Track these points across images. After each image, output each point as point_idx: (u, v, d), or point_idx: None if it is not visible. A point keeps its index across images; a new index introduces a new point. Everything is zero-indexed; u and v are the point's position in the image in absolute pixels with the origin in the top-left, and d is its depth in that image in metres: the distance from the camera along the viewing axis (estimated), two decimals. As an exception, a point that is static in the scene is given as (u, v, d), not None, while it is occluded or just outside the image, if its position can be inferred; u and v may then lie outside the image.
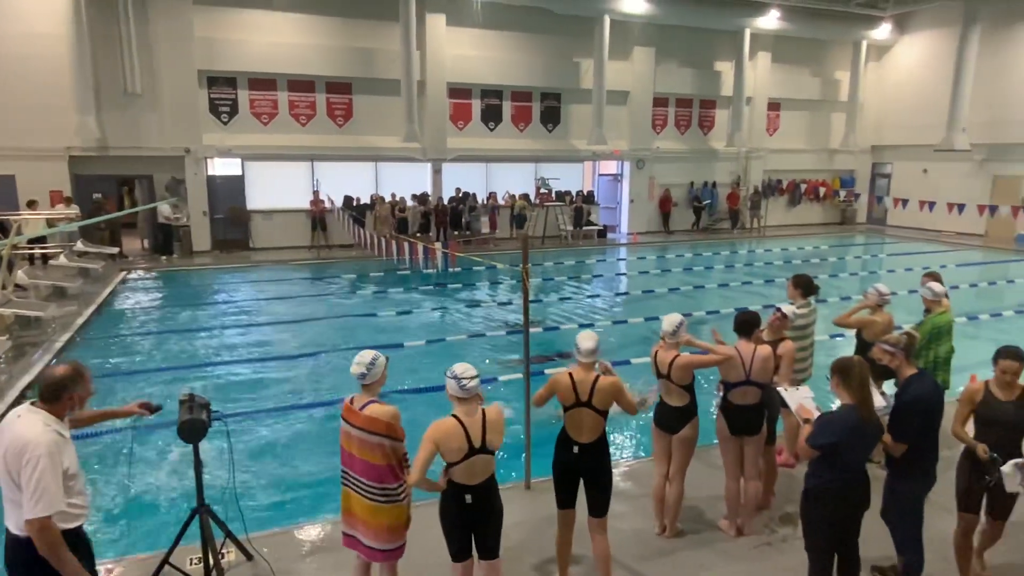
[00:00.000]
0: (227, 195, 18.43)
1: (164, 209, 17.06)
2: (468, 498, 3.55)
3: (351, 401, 3.69)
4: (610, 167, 23.96)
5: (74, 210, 15.10)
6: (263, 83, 18.40)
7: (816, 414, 3.83)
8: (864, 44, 24.48)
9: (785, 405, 4.31)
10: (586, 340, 4.08)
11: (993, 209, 19.97)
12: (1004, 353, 4.10)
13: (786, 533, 4.93)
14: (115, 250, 16.11)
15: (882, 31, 24.11)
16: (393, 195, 19.47)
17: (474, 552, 3.73)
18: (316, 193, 18.80)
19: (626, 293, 14.55)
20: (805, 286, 5.85)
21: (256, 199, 18.91)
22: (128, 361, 9.39)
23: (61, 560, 2.95)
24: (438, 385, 7.78)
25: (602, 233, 22.10)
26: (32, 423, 2.97)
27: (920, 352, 5.63)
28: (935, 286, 6.03)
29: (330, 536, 4.85)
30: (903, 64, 25.13)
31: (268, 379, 8.74)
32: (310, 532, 4.99)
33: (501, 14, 20.13)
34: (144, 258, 17.52)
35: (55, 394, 3.06)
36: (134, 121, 17.01)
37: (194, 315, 12.09)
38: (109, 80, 16.53)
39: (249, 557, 4.51)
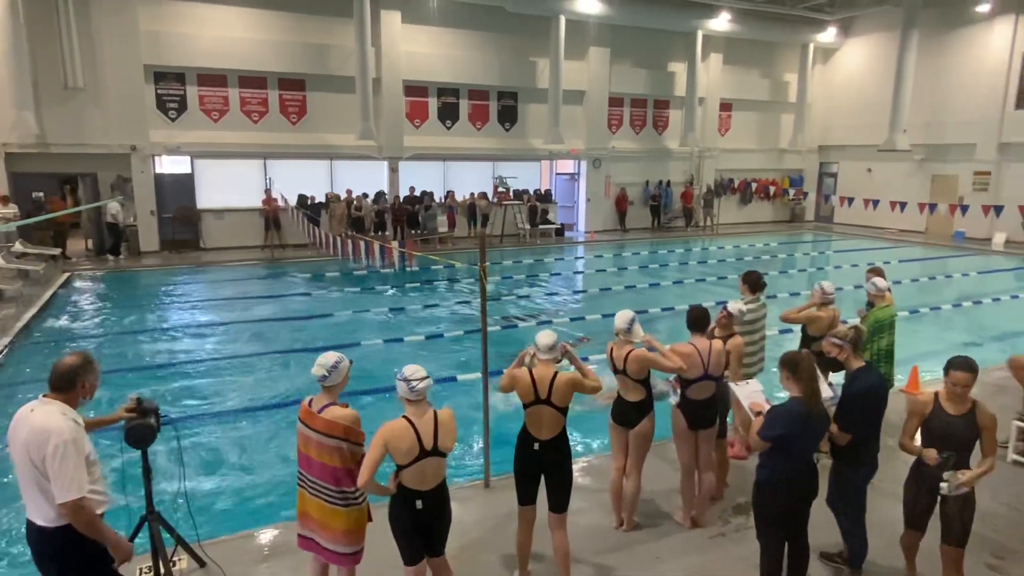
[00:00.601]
0: (176, 194, 17.93)
1: (112, 208, 16.49)
2: (419, 504, 3.51)
3: (309, 403, 3.63)
4: (567, 166, 24.15)
5: (12, 210, 14.52)
6: (213, 79, 17.95)
7: (766, 407, 3.94)
8: (811, 47, 25.23)
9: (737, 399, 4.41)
10: (545, 337, 4.13)
11: (932, 207, 20.83)
12: (955, 364, 3.81)
13: (739, 523, 5.06)
14: (57, 251, 15.51)
15: (828, 34, 24.89)
16: (349, 192, 19.23)
17: None
18: (268, 192, 18.45)
19: (584, 291, 14.68)
20: (753, 283, 6.02)
21: (206, 198, 18.44)
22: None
23: (101, 533, 3.08)
24: (394, 386, 7.77)
25: (560, 232, 22.25)
26: (50, 413, 2.99)
27: (865, 345, 5.84)
28: (879, 281, 6.27)
29: (286, 540, 4.76)
30: (848, 67, 25.99)
31: (221, 381, 8.55)
32: (265, 536, 4.89)
33: (456, 12, 20.07)
34: (89, 259, 16.90)
35: (69, 382, 3.09)
36: (76, 117, 16.39)
37: (142, 317, 11.72)
38: (48, 74, 15.89)
39: (202, 564, 4.41)
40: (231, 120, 18.34)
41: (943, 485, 3.74)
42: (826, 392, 4.03)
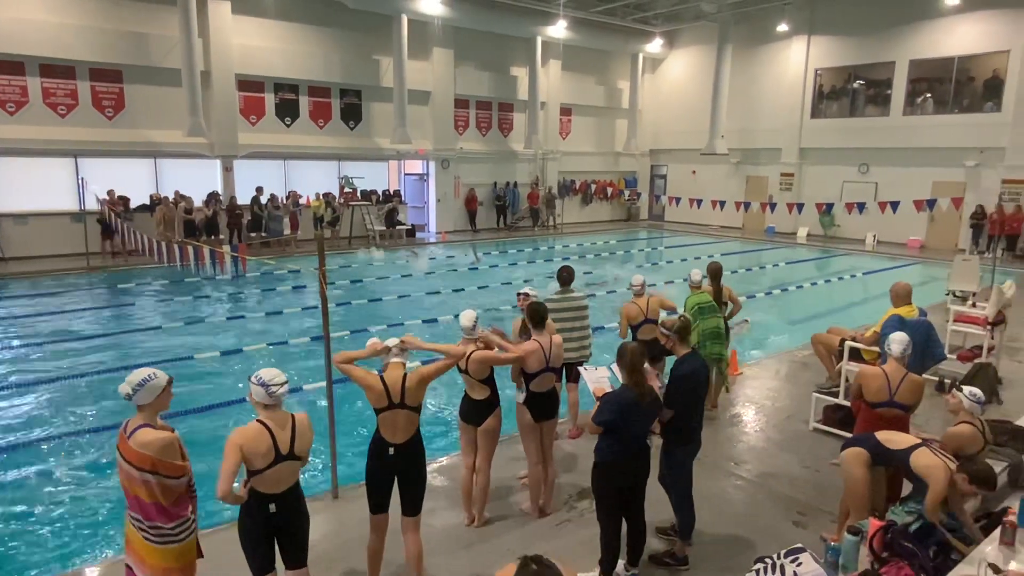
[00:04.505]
0: (-37, 196, 15.62)
1: None
2: (272, 507, 3.38)
3: (125, 427, 3.29)
4: (416, 167, 24.02)
5: None
6: (6, 66, 15.81)
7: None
8: (640, 56, 27.07)
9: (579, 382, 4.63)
10: (394, 341, 4.12)
11: (747, 205, 23.14)
12: None
13: (583, 508, 5.30)
14: None
15: (655, 45, 26.81)
16: (176, 192, 17.75)
17: (279, 565, 3.55)
18: (112, 192, 16.61)
19: (437, 292, 14.66)
20: (559, 277, 6.55)
21: (5, 201, 16.21)
22: None
23: None
24: (236, 399, 7.32)
25: (411, 232, 22.07)
26: None
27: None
28: (693, 273, 6.98)
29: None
30: (673, 76, 28.18)
31: (22, 409, 7.56)
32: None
33: (292, 4, 19.30)
34: None
35: None
36: None
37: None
38: None
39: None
40: (32, 113, 16.26)
41: None
42: (657, 383, 4.33)
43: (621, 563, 4.28)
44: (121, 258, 16.41)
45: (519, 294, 5.75)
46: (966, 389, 4.60)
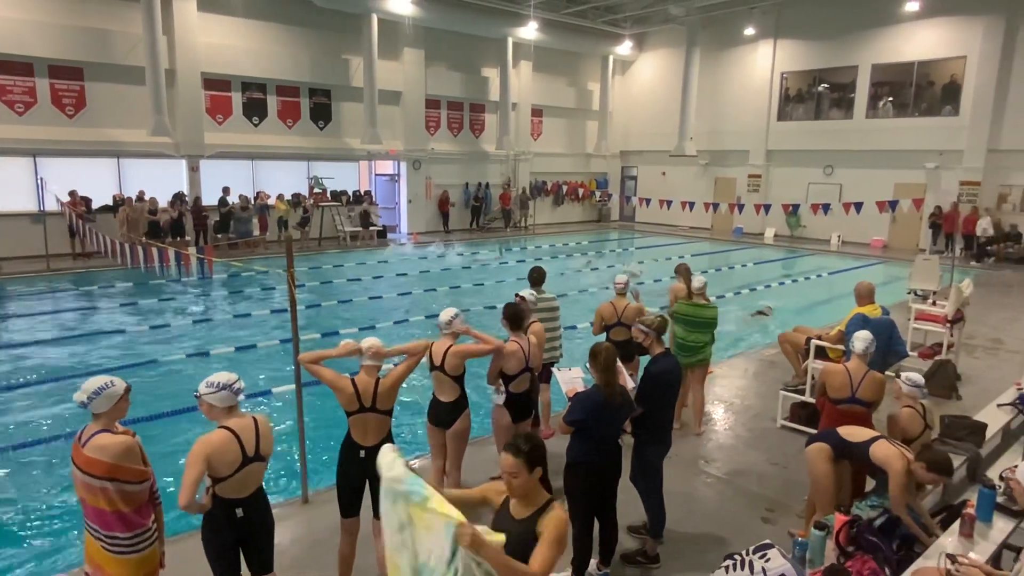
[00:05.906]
0: (-86, 196, 15.07)
1: None
2: (239, 512, 3.32)
3: (79, 436, 3.19)
4: (387, 167, 23.85)
5: None
6: (-40, 62, 15.35)
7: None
8: (611, 59, 27.26)
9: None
10: (371, 342, 4.09)
11: (716, 206, 23.45)
12: (506, 444, 2.74)
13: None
14: None
15: (624, 47, 27.01)
16: (140, 193, 17.34)
17: (244, 572, 3.49)
18: (74, 193, 16.19)
19: (408, 293, 14.58)
20: (530, 277, 6.57)
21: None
22: None
23: None
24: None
25: (382, 233, 21.90)
26: None
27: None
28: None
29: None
30: (643, 78, 28.44)
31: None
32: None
33: (260, 3, 19.05)
34: None
35: None
36: None
37: None
38: None
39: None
40: (-13, 110, 15.81)
41: None
42: (629, 383, 4.36)
43: (593, 562, 4.30)
44: (82, 260, 16.01)
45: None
46: (903, 375, 4.75)
